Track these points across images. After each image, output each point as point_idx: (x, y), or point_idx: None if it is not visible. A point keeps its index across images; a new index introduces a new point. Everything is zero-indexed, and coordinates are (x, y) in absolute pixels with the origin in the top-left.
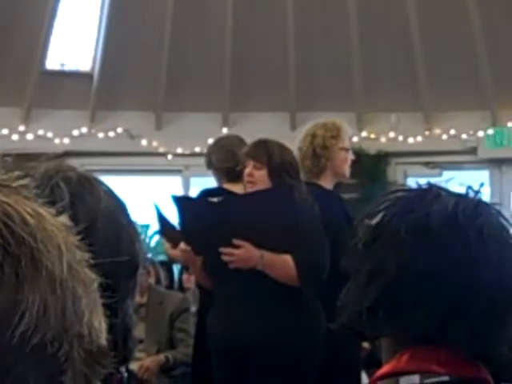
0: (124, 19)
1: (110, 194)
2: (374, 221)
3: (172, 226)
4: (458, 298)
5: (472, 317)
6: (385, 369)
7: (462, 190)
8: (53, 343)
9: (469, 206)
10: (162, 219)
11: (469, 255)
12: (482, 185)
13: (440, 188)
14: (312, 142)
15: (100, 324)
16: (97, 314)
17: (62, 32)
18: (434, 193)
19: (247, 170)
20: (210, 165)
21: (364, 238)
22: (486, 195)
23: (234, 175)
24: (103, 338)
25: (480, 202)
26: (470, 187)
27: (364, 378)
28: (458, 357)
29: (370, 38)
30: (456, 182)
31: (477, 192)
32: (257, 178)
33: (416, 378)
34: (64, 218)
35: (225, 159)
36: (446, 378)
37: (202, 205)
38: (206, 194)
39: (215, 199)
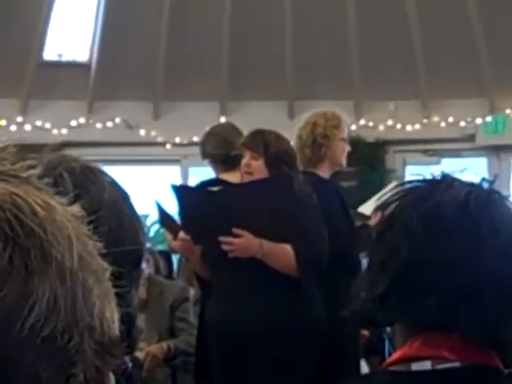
0: (121, 9)
1: (114, 184)
2: (388, 211)
3: (174, 221)
4: (469, 285)
5: (484, 303)
6: (397, 354)
7: (467, 178)
8: (63, 335)
9: (481, 195)
10: (164, 215)
11: (480, 243)
12: (495, 177)
13: (453, 178)
14: (313, 131)
15: (112, 314)
16: (109, 303)
17: (59, 23)
18: (446, 182)
19: (244, 161)
20: (204, 154)
21: (378, 227)
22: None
23: (230, 162)
24: (115, 329)
25: (492, 192)
26: (484, 178)
27: (363, 365)
28: (470, 344)
29: (369, 26)
30: (455, 169)
31: (491, 182)
32: (254, 168)
33: (428, 363)
34: (75, 208)
35: (219, 146)
36: (457, 365)
37: (201, 194)
38: (205, 185)
39: (215, 188)
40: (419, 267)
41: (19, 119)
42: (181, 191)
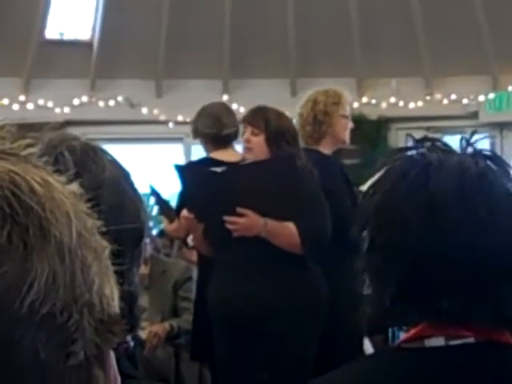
0: None
1: (114, 163)
2: (376, 201)
3: (169, 206)
4: (479, 273)
5: (495, 289)
6: (411, 333)
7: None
8: (62, 313)
9: (474, 175)
10: (159, 199)
11: (480, 227)
12: (472, 134)
13: (440, 148)
14: (313, 108)
15: (112, 291)
16: (108, 281)
17: (60, 1)
18: (437, 163)
19: (245, 136)
20: (196, 132)
21: (370, 223)
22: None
23: (221, 141)
24: (115, 306)
25: (484, 169)
26: (470, 144)
27: (367, 343)
28: (485, 325)
29: (370, 3)
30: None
31: (481, 153)
32: (254, 143)
33: (441, 339)
34: (74, 186)
35: (210, 125)
36: (471, 340)
37: (204, 174)
38: (195, 165)
39: (218, 169)
40: (426, 264)
41: (21, 98)
42: (184, 171)
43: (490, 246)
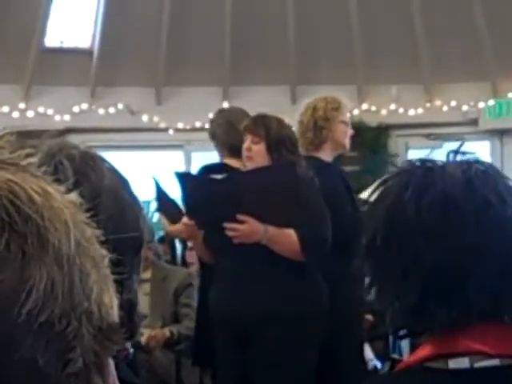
0: None
1: (113, 171)
2: (385, 210)
3: (171, 201)
4: (499, 264)
5: None
6: (432, 347)
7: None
8: (61, 320)
9: (478, 169)
10: (161, 195)
11: (494, 217)
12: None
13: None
14: (313, 115)
15: (111, 300)
16: (107, 289)
17: (60, 9)
18: (438, 168)
19: (245, 144)
20: (213, 136)
21: (381, 232)
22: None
23: (238, 151)
24: (114, 314)
25: (485, 164)
26: (456, 151)
27: (368, 350)
28: (509, 331)
29: (370, 10)
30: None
31: (476, 159)
32: (254, 152)
33: (466, 360)
34: (73, 196)
35: (229, 135)
36: (496, 363)
37: (205, 181)
38: (208, 169)
39: (219, 176)
40: (448, 264)
41: (22, 106)
42: (184, 178)
43: (506, 235)
